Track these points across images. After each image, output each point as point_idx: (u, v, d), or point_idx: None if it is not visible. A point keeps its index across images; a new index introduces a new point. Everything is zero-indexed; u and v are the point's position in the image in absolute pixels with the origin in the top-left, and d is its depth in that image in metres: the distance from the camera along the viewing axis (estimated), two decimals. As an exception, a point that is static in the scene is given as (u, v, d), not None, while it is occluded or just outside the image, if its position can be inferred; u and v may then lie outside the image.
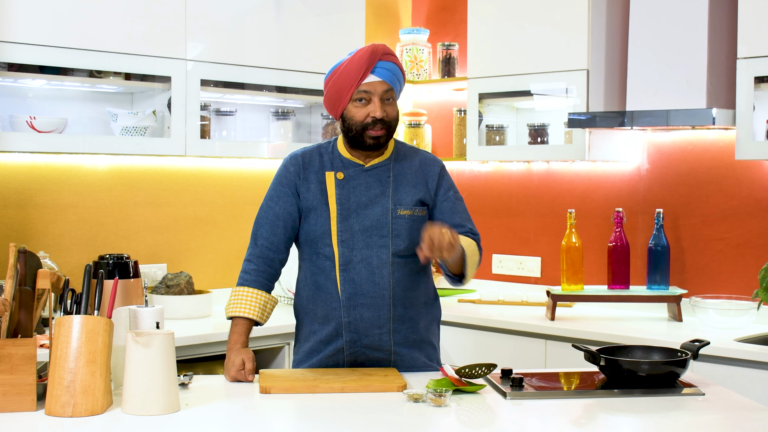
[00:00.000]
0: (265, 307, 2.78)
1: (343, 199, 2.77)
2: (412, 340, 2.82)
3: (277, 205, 2.81)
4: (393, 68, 2.73)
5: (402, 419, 2.30)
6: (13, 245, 2.36)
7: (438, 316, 2.94)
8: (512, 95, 4.31)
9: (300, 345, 2.87)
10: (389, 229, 2.77)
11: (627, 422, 2.36)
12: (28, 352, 2.29)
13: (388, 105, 2.74)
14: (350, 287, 2.76)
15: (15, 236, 3.68)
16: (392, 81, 2.73)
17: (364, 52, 2.72)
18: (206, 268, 4.26)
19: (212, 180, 4.28)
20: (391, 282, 2.77)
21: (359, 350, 2.79)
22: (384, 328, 2.78)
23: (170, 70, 3.76)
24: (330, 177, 2.79)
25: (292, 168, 2.82)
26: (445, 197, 2.85)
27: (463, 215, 2.86)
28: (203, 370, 3.67)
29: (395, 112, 2.76)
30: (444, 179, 2.87)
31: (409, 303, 2.81)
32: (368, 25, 4.74)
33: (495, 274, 4.68)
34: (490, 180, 4.70)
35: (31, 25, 3.42)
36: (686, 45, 3.73)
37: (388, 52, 2.74)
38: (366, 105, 2.72)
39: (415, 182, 2.82)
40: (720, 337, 3.43)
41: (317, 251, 2.79)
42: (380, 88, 2.71)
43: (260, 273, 2.79)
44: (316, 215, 2.78)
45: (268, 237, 2.80)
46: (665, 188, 4.13)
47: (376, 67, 2.70)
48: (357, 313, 2.77)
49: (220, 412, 2.35)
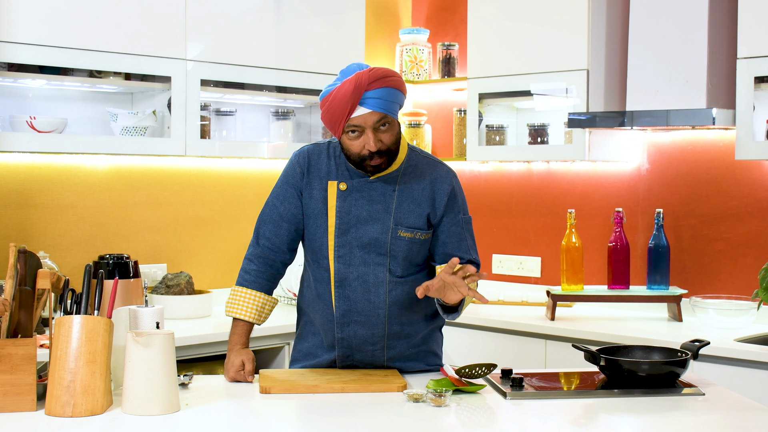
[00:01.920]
0: (263, 308, 2.74)
1: (344, 213, 2.67)
2: (408, 354, 2.77)
3: (282, 204, 2.73)
4: (384, 94, 2.54)
5: (402, 419, 2.30)
6: (13, 245, 2.36)
7: (441, 323, 2.87)
8: (512, 95, 4.31)
9: (300, 342, 2.85)
10: (387, 249, 2.68)
11: (627, 422, 2.36)
12: (28, 352, 2.29)
13: (383, 133, 2.57)
14: (345, 304, 2.69)
15: (15, 236, 3.68)
16: (385, 108, 2.54)
17: (348, 87, 2.53)
18: (206, 268, 4.26)
19: (212, 180, 4.28)
20: (387, 301, 2.70)
21: (351, 364, 2.75)
22: (378, 345, 2.73)
23: (170, 70, 3.76)
24: (332, 186, 2.68)
25: (299, 167, 2.72)
26: (454, 221, 2.71)
27: (469, 242, 2.74)
28: (203, 370, 3.67)
29: (393, 138, 2.60)
30: (455, 199, 2.72)
31: (406, 320, 2.74)
32: (368, 25, 4.74)
33: (495, 274, 4.68)
34: (490, 180, 4.70)
35: (31, 25, 3.42)
36: (686, 45, 3.73)
37: (377, 78, 2.54)
38: (359, 137, 2.57)
39: (420, 200, 2.68)
40: (720, 337, 3.43)
41: (317, 260, 2.73)
42: (371, 119, 2.55)
43: (260, 273, 2.75)
44: (315, 225, 2.70)
45: (270, 237, 2.74)
46: (665, 188, 4.13)
47: (364, 98, 2.52)
48: (350, 330, 2.71)
49: (220, 412, 2.35)
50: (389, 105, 2.56)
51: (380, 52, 4.91)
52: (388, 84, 2.56)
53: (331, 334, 2.73)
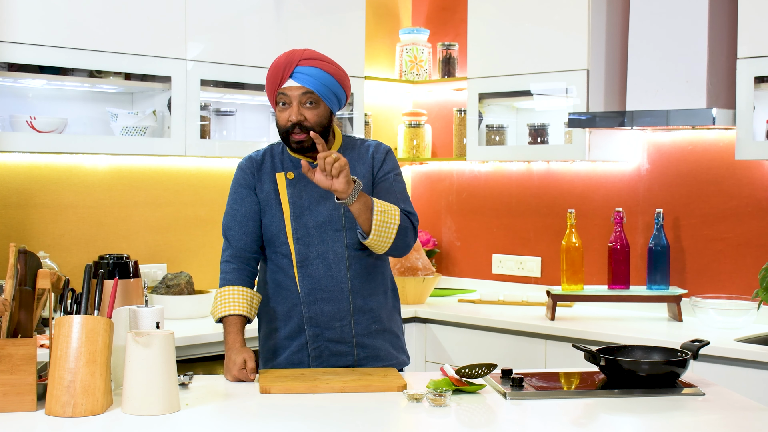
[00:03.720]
0: (252, 303, 2.82)
1: (296, 198, 2.81)
2: (374, 330, 2.86)
3: (242, 206, 2.86)
4: (314, 72, 2.70)
5: (402, 419, 2.30)
6: (13, 245, 2.36)
7: (398, 306, 2.98)
8: (512, 95, 4.31)
9: (265, 342, 2.92)
10: (342, 223, 2.80)
11: (627, 422, 2.36)
12: (28, 352, 2.29)
13: (308, 109, 2.72)
14: (309, 283, 2.80)
15: (15, 236, 3.68)
16: (313, 85, 2.70)
17: (281, 58, 2.74)
18: (206, 268, 4.26)
19: (212, 180, 4.28)
20: (348, 275, 2.81)
21: (322, 344, 2.83)
22: (345, 320, 2.82)
23: (170, 70, 3.76)
24: (281, 177, 2.83)
25: (248, 169, 2.87)
26: (383, 178, 2.84)
27: (399, 195, 2.83)
28: (203, 370, 3.67)
29: (318, 117, 2.73)
30: (387, 162, 2.87)
31: (367, 294, 2.85)
32: (368, 25, 4.74)
33: (495, 274, 4.68)
34: (490, 180, 4.70)
35: (31, 25, 3.42)
36: (686, 45, 3.73)
37: (310, 57, 2.73)
38: (287, 109, 2.73)
39: (363, 172, 2.83)
40: (720, 337, 3.43)
41: (275, 250, 2.84)
42: (297, 92, 2.71)
43: (241, 271, 2.84)
44: (271, 215, 2.83)
45: (240, 237, 2.85)
46: (665, 188, 4.13)
47: (294, 72, 2.70)
48: (317, 307, 2.81)
49: (220, 412, 2.35)
50: (318, 85, 2.71)
51: (380, 52, 4.92)
52: (320, 66, 2.73)
53: (298, 317, 2.83)
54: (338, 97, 2.77)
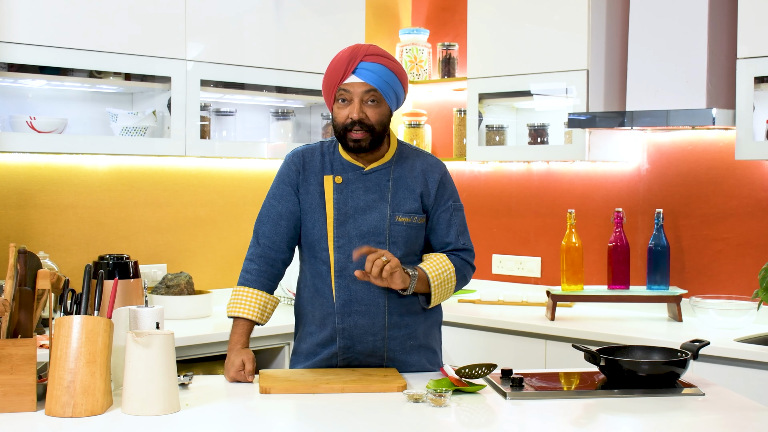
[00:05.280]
0: (265, 307, 2.76)
1: (341, 204, 2.72)
2: (409, 346, 2.79)
3: (279, 203, 2.77)
4: (378, 69, 2.63)
5: (402, 419, 2.30)
6: (13, 245, 2.37)
7: (439, 320, 2.90)
8: (512, 95, 4.31)
9: (298, 344, 2.86)
10: (386, 236, 2.72)
11: (627, 422, 2.36)
12: (28, 352, 2.29)
13: (369, 107, 2.65)
14: (345, 294, 2.72)
15: (15, 236, 3.68)
16: (376, 82, 2.63)
17: (345, 52, 2.66)
18: (206, 268, 4.26)
19: (212, 180, 4.28)
20: (386, 290, 2.72)
21: (352, 356, 2.77)
22: (378, 335, 2.74)
23: (170, 70, 3.76)
24: (328, 181, 2.73)
25: (294, 166, 2.77)
26: (444, 207, 2.78)
27: (459, 228, 2.79)
28: (203, 370, 3.68)
29: (379, 116, 2.66)
30: (445, 187, 2.80)
31: (405, 310, 2.77)
32: (368, 25, 4.75)
33: (495, 274, 4.68)
34: (490, 180, 4.70)
35: (31, 25, 3.42)
36: (686, 45, 3.73)
37: (374, 53, 2.65)
38: (347, 106, 2.65)
39: (414, 187, 2.75)
40: (720, 337, 3.43)
41: (314, 255, 2.76)
42: (360, 89, 2.63)
43: (261, 273, 2.76)
44: (313, 219, 2.74)
45: (270, 236, 2.77)
46: (665, 188, 4.13)
47: (357, 67, 2.62)
48: (351, 320, 2.73)
49: (220, 412, 2.35)
50: (381, 83, 2.64)
51: (380, 52, 4.91)
52: (384, 63, 2.66)
53: (332, 326, 2.74)
54: (398, 95, 2.71)
